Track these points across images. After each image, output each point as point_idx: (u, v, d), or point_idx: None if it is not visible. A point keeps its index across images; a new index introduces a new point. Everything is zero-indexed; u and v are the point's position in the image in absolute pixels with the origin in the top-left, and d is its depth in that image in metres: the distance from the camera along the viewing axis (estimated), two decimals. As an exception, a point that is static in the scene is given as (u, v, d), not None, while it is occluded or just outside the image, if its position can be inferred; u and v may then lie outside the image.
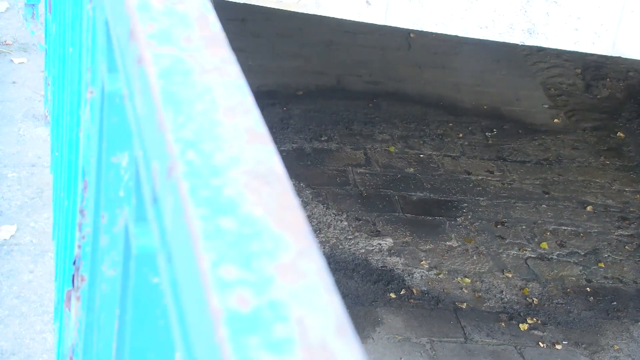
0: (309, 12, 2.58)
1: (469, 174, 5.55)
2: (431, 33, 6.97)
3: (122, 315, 0.66)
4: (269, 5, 2.66)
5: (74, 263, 0.95)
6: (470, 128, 6.05)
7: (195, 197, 0.43)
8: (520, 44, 2.44)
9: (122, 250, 0.64)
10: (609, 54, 2.30)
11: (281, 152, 5.59)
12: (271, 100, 6.13)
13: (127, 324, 0.65)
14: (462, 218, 5.13)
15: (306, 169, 5.47)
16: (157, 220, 0.52)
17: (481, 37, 2.41)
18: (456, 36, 2.82)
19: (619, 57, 7.03)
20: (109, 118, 0.78)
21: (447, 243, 4.92)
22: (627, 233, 5.12)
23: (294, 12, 2.88)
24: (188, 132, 0.47)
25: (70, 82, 1.40)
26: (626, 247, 4.99)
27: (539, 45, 2.42)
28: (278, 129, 5.83)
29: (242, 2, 2.64)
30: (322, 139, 5.77)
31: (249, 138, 0.48)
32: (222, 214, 0.43)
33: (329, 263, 4.69)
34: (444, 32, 2.38)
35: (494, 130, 6.05)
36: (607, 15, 2.33)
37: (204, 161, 0.45)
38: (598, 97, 6.59)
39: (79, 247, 0.93)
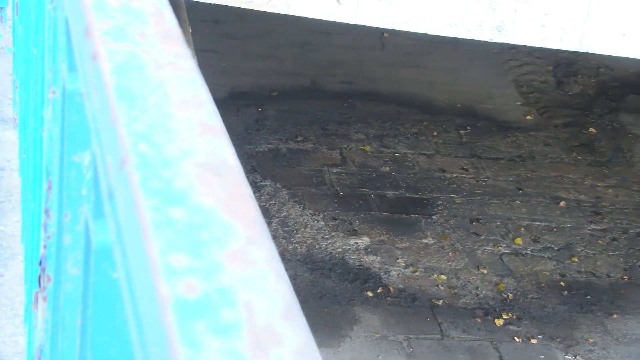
0: (280, 12, 2.59)
1: (443, 171, 5.59)
2: (404, 33, 7.01)
3: (84, 311, 0.66)
4: (239, 6, 2.67)
5: (40, 263, 0.95)
6: (444, 126, 6.10)
7: (146, 188, 0.44)
8: (489, 41, 2.47)
9: (82, 247, 0.64)
10: (576, 50, 2.33)
11: (257, 153, 5.58)
12: (246, 101, 6.12)
13: (88, 320, 0.65)
14: (438, 215, 5.16)
15: (282, 169, 5.47)
16: (112, 214, 0.53)
17: (450, 35, 2.43)
18: (426, 34, 2.85)
19: (590, 54, 7.12)
20: (69, 117, 0.78)
21: (423, 241, 4.95)
22: (599, 227, 5.19)
23: (267, 13, 2.88)
24: (141, 126, 0.48)
25: (34, 83, 1.40)
26: (599, 241, 5.05)
27: (507, 42, 2.46)
28: (253, 130, 5.83)
29: (213, 2, 2.65)
30: (298, 139, 5.78)
31: (202, 131, 0.49)
32: (173, 205, 0.43)
33: (307, 263, 4.70)
34: (414, 30, 2.41)
35: (468, 128, 6.10)
36: (574, 11, 2.36)
37: (155, 153, 0.46)
38: (569, 93, 6.67)
39: (45, 247, 0.93)
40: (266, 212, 5.04)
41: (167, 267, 0.40)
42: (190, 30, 2.95)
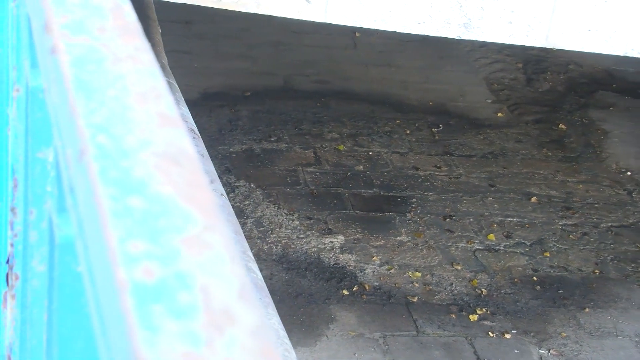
0: (249, 11, 2.59)
1: (417, 169, 5.63)
2: (376, 32, 7.04)
3: (50, 306, 0.66)
4: (208, 5, 2.67)
5: (7, 262, 0.95)
6: (417, 124, 6.14)
7: (105, 178, 0.45)
8: (457, 38, 2.49)
9: (47, 242, 0.64)
10: (542, 46, 2.37)
11: (230, 153, 5.57)
12: (218, 102, 6.12)
13: (54, 315, 0.65)
14: (412, 213, 5.20)
15: (256, 169, 5.47)
16: (74, 206, 0.53)
17: (419, 33, 2.46)
18: (397, 33, 2.87)
19: (559, 51, 7.22)
20: (33, 114, 0.78)
21: (398, 238, 4.98)
22: (571, 222, 5.26)
23: (239, 13, 2.89)
24: (99, 118, 0.49)
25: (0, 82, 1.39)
26: (570, 236, 5.12)
27: (474, 39, 2.48)
28: (227, 130, 5.82)
29: (181, 2, 2.65)
30: (272, 139, 5.79)
31: (160, 122, 0.49)
32: (131, 194, 0.44)
33: (282, 263, 4.71)
34: (383, 29, 2.42)
35: (440, 126, 6.15)
36: (540, 7, 2.40)
37: (114, 144, 0.47)
38: (539, 90, 6.75)
39: (12, 245, 0.93)
40: (241, 213, 5.04)
41: (125, 254, 0.40)
42: (160, 31, 2.94)
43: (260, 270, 4.63)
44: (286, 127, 5.91)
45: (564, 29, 2.36)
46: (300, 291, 4.52)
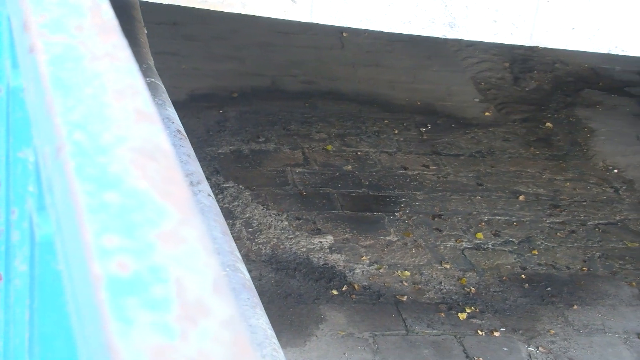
0: (235, 12, 2.60)
1: (405, 169, 5.65)
2: (363, 32, 7.06)
3: (32, 305, 0.67)
4: (193, 5, 2.67)
5: (-9, 262, 0.95)
6: (405, 124, 6.16)
7: (81, 174, 0.45)
8: (442, 37, 2.50)
9: (28, 240, 0.65)
10: (527, 44, 2.38)
11: (219, 155, 5.57)
12: (206, 103, 6.11)
13: (35, 314, 0.66)
14: (401, 212, 5.21)
15: (245, 170, 5.47)
16: (52, 204, 0.54)
17: (405, 32, 2.47)
18: (385, 33, 2.88)
19: (545, 50, 7.25)
20: (14, 114, 0.79)
21: (387, 238, 4.99)
22: (558, 220, 5.28)
23: (226, 14, 2.89)
24: (76, 115, 0.49)
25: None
26: (558, 234, 5.15)
27: (459, 37, 2.50)
28: (215, 131, 5.82)
29: (166, 2, 2.65)
30: (260, 140, 5.79)
31: (137, 118, 0.50)
32: (107, 189, 0.44)
33: (271, 263, 4.71)
34: (369, 28, 2.43)
35: (428, 125, 6.17)
36: (524, 6, 2.41)
37: (91, 141, 0.47)
38: (526, 89, 6.79)
39: (-5, 245, 0.93)
40: (229, 214, 5.04)
41: (100, 248, 0.41)
42: (146, 32, 2.94)
43: (250, 271, 4.63)
44: (274, 128, 5.91)
45: (548, 28, 2.38)
46: (290, 291, 4.52)
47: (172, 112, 2.51)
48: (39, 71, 0.55)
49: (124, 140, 0.49)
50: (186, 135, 2.48)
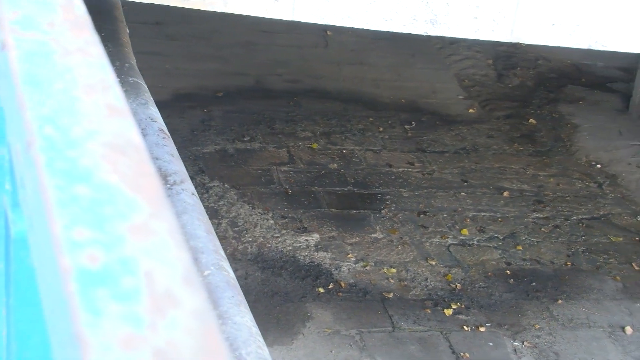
0: (217, 10, 2.59)
1: (390, 166, 5.66)
2: (347, 30, 7.06)
3: (8, 302, 0.67)
4: (175, 5, 2.67)
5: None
6: (389, 122, 6.17)
7: (51, 168, 0.45)
8: (424, 34, 2.51)
9: (3, 237, 0.65)
10: (508, 41, 2.40)
11: (204, 154, 5.56)
12: (191, 102, 6.10)
13: (12, 311, 0.66)
14: (386, 210, 5.22)
15: (230, 170, 5.46)
16: (24, 199, 0.54)
17: (387, 30, 2.47)
18: (368, 31, 2.89)
19: (528, 46, 7.28)
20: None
21: (373, 235, 5.00)
22: (542, 216, 5.32)
23: (209, 13, 2.89)
24: (47, 110, 0.49)
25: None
26: (542, 229, 5.18)
27: (441, 34, 2.51)
28: (199, 131, 5.81)
29: (148, 2, 2.64)
30: (245, 139, 5.78)
31: (108, 113, 0.50)
32: (78, 183, 0.45)
33: (257, 262, 4.70)
34: (351, 26, 2.44)
35: (413, 122, 6.19)
36: (505, 2, 2.43)
37: (61, 135, 0.47)
38: (510, 86, 6.82)
39: (-27, 245, 0.93)
40: (215, 213, 5.03)
41: (70, 241, 0.41)
42: (128, 31, 2.93)
43: (236, 270, 4.63)
44: (259, 127, 5.91)
45: (529, 24, 2.40)
46: (276, 290, 4.52)
47: (154, 111, 2.51)
48: (10, 67, 0.55)
49: (94, 135, 0.49)
50: (169, 135, 2.48)
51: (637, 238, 5.16)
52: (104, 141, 0.49)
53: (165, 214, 0.45)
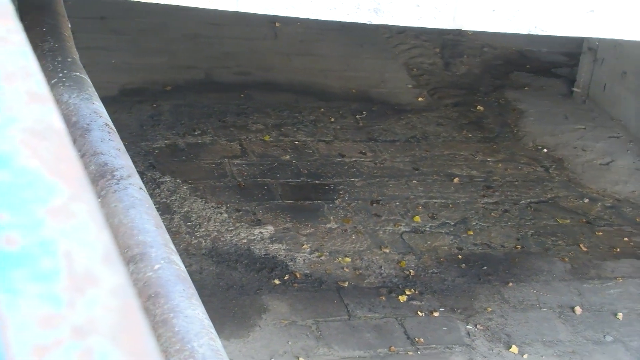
0: (160, 2, 2.57)
1: (342, 156, 5.69)
2: (295, 21, 7.05)
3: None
4: (117, -2, 2.63)
5: None
6: (341, 112, 6.20)
7: (-31, 155, 0.45)
8: (368, 23, 2.54)
9: None
10: (450, 28, 2.43)
11: (154, 149, 5.51)
12: (139, 97, 6.03)
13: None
14: (340, 200, 5.25)
15: (181, 164, 5.42)
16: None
17: (331, 19, 2.49)
18: (316, 21, 2.90)
19: (474, 34, 7.37)
20: None
21: (327, 225, 5.02)
22: (491, 201, 5.41)
23: (153, 6, 2.85)
24: (-35, 97, 0.49)
25: None
26: (492, 214, 5.27)
27: (385, 23, 2.53)
28: (149, 126, 5.75)
29: (89, -5, 2.60)
30: (196, 133, 5.75)
31: (29, 99, 0.50)
32: (-3, 168, 0.45)
33: (212, 256, 4.69)
34: (295, 16, 2.45)
35: (364, 112, 6.23)
36: (446, -9, 2.46)
37: (-20, 122, 0.47)
38: (457, 74, 6.91)
39: None
40: (167, 208, 4.99)
41: (-12, 225, 0.41)
42: (70, 26, 2.89)
43: (190, 265, 4.60)
44: (210, 120, 5.88)
45: (470, 10, 2.44)
46: (232, 283, 4.51)
47: (99, 105, 2.47)
48: None
49: (14, 121, 0.49)
50: (115, 129, 2.45)
51: (584, 220, 5.30)
52: (24, 127, 0.49)
53: (85, 197, 0.45)
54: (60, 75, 2.48)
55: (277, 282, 4.54)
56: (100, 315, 0.38)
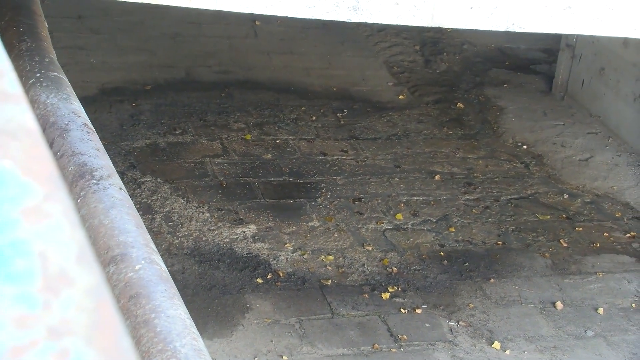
0: (138, 1, 2.56)
1: (324, 155, 5.69)
2: (275, 19, 7.03)
3: None
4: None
5: None
6: (322, 110, 6.20)
7: (-59, 155, 0.45)
8: (347, 21, 2.54)
9: None
10: (429, 25, 2.44)
11: (134, 149, 5.48)
12: (118, 97, 5.99)
13: None
14: (322, 198, 5.25)
15: (162, 164, 5.40)
16: None
17: (310, 17, 2.48)
18: (296, 20, 2.90)
19: (453, 31, 7.40)
20: None
21: (309, 224, 5.02)
22: (473, 197, 5.44)
23: (130, 4, 2.84)
24: (-63, 97, 0.48)
25: None
26: (473, 210, 5.30)
27: (364, 21, 2.53)
28: (129, 125, 5.71)
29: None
30: (176, 132, 5.72)
31: (1, 99, 0.49)
32: (-31, 169, 0.44)
33: (194, 256, 4.67)
34: (274, 14, 2.44)
35: (345, 110, 6.24)
36: (425, -11, 2.47)
37: (-48, 123, 0.47)
38: (437, 71, 6.94)
39: None
40: (148, 208, 4.97)
41: (-40, 227, 0.41)
42: (47, 25, 2.86)
43: (172, 265, 4.58)
44: (191, 119, 5.85)
45: (448, 8, 2.44)
46: (214, 283, 4.50)
47: (77, 105, 2.45)
48: None
49: (-14, 121, 0.48)
50: (94, 129, 2.43)
51: (564, 215, 5.34)
52: (-3, 127, 0.48)
53: (59, 196, 0.45)
54: (38, 75, 2.46)
55: (260, 281, 4.54)
56: (75, 316, 0.37)
